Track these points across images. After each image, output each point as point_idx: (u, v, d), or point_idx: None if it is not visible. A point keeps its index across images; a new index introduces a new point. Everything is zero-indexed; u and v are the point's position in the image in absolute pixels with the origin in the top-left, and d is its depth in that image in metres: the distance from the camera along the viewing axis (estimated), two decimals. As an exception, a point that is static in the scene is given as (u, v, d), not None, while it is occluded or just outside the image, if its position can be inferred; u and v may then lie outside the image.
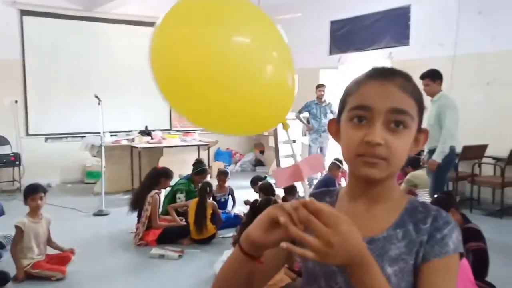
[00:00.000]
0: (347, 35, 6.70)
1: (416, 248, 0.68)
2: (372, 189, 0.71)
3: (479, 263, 2.40)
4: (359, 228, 0.65)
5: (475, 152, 4.87)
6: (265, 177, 4.68)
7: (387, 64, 6.08)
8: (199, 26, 0.68)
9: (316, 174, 4.89)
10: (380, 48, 6.24)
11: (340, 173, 5.20)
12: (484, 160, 4.94)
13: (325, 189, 0.81)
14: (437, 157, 3.67)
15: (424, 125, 0.73)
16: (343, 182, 5.39)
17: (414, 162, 4.75)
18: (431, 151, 3.78)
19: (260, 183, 4.07)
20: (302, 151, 6.62)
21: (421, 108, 0.71)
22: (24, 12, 5.96)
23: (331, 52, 6.95)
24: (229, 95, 0.68)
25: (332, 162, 4.79)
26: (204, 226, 3.71)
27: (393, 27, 6.06)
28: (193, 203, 3.83)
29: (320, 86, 5.84)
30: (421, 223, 0.69)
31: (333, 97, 5.82)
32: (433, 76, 3.80)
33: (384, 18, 6.16)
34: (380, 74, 0.70)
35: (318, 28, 6.98)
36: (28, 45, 6.02)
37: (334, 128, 0.74)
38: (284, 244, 0.60)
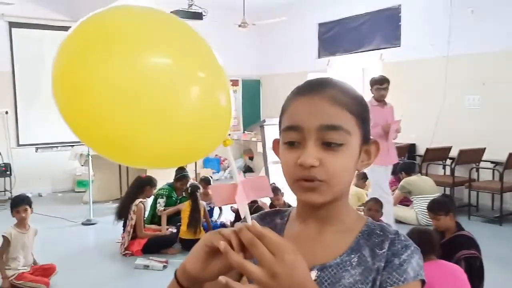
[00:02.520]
0: (335, 38, 6.70)
1: (373, 276, 0.62)
2: (320, 212, 0.66)
3: (473, 272, 2.32)
4: (310, 254, 0.62)
5: (472, 156, 4.72)
6: None
7: (379, 65, 6.08)
8: (103, 50, 0.58)
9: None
10: (370, 50, 6.23)
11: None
12: (482, 164, 4.81)
13: (277, 209, 0.77)
14: None
15: None
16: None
17: (408, 168, 4.68)
18: None
19: None
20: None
21: (362, 119, 0.65)
22: (12, 24, 6.01)
23: (319, 55, 6.95)
24: (149, 126, 0.58)
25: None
26: (198, 227, 3.74)
27: (383, 28, 6.04)
28: (186, 205, 3.85)
29: None
30: (378, 248, 0.64)
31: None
32: None
33: (374, 19, 6.15)
34: (309, 89, 0.65)
35: (305, 31, 6.98)
36: (17, 56, 6.07)
37: (278, 148, 0.68)
38: (223, 279, 0.53)
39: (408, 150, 5.56)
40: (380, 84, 3.83)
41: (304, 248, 0.60)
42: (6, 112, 6.04)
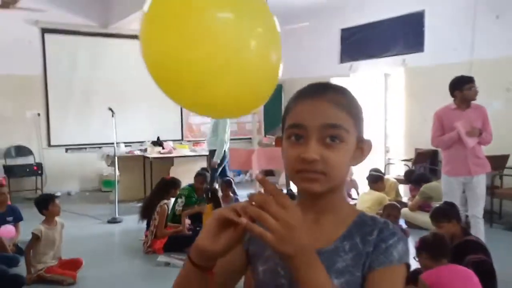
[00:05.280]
0: (358, 43, 6.67)
1: (363, 260, 0.69)
2: (319, 202, 0.73)
3: (483, 276, 2.28)
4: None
5: (495, 163, 4.50)
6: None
7: (401, 71, 6.02)
8: (184, 4, 0.73)
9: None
10: (393, 55, 6.17)
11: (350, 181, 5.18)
12: (506, 171, 4.71)
13: None
14: (216, 158, 5.06)
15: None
16: (353, 193, 5.35)
17: (421, 180, 4.60)
18: (211, 152, 5.17)
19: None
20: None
21: (358, 120, 0.72)
22: (45, 30, 6.32)
23: (342, 60, 6.92)
24: (214, 70, 0.71)
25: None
26: None
27: (406, 33, 5.97)
28: (208, 208, 3.92)
29: None
30: (368, 235, 0.71)
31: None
32: None
33: (397, 25, 6.09)
34: (311, 92, 0.72)
35: (328, 36, 6.96)
36: (49, 61, 6.36)
37: (282, 144, 0.75)
38: (244, 220, 0.58)
39: (431, 156, 5.48)
40: (468, 82, 3.40)
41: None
42: (38, 114, 6.34)
